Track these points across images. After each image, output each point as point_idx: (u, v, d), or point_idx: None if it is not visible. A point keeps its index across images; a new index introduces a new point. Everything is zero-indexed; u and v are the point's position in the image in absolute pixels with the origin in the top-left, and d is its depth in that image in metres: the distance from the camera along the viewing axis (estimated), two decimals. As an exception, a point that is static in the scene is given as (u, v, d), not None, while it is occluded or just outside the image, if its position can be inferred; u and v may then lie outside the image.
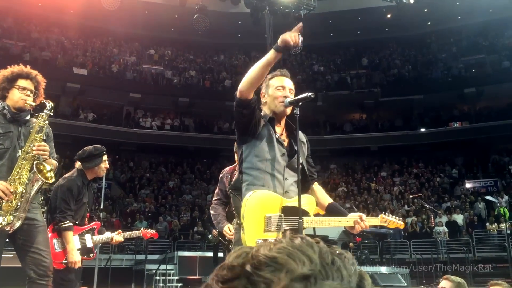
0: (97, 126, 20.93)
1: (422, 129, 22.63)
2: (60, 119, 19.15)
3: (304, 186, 2.74)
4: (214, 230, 5.83)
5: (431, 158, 22.23)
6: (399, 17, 22.61)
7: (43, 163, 3.07)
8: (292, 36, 2.47)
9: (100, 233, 4.33)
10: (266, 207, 2.56)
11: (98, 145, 4.31)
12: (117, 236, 4.43)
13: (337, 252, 0.67)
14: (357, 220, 2.75)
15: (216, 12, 17.99)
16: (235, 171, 3.88)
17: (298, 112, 2.68)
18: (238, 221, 2.67)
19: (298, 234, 0.70)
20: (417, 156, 22.62)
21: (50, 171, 3.07)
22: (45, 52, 21.40)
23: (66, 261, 3.82)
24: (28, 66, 3.33)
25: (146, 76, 23.66)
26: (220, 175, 4.43)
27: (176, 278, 9.99)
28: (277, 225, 2.54)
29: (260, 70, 2.59)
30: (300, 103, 2.70)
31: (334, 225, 2.81)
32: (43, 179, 3.02)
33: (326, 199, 2.90)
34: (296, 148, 2.69)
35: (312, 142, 3.09)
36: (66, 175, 4.12)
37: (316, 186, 2.93)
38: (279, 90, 2.80)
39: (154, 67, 24.33)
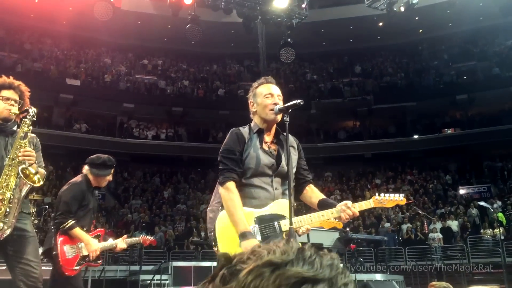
0: (90, 137, 20.87)
1: (415, 136, 22.74)
2: (53, 130, 19.13)
3: (295, 190, 2.75)
4: None
5: (424, 165, 22.32)
6: (391, 25, 22.77)
7: (29, 167, 3.08)
8: None
9: (104, 240, 4.32)
10: None
11: (110, 157, 4.36)
12: (121, 243, 4.39)
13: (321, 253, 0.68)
14: (342, 208, 2.65)
15: (208, 22, 18.06)
16: None
17: (287, 119, 2.69)
18: None
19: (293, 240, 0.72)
20: (411, 163, 22.71)
21: (36, 174, 3.08)
22: (37, 63, 21.38)
23: (77, 267, 3.82)
24: (11, 77, 3.35)
25: (139, 86, 23.66)
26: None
27: (171, 288, 9.93)
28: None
29: (229, 215, 2.61)
30: (290, 110, 2.71)
31: (316, 220, 2.69)
32: (30, 183, 3.03)
33: (318, 197, 2.87)
34: (285, 155, 2.71)
35: (306, 150, 3.09)
36: (71, 180, 4.16)
37: (310, 187, 2.92)
38: (268, 98, 2.80)
39: (147, 77, 24.36)
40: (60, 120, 21.41)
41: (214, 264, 7.92)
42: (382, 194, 2.78)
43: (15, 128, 3.24)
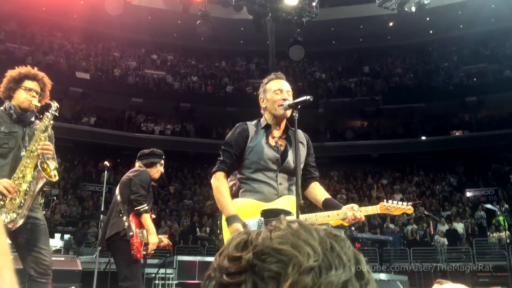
0: (98, 130, 20.99)
1: (423, 137, 22.65)
2: (62, 122, 19.21)
3: (300, 186, 2.77)
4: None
5: (431, 166, 22.22)
6: (401, 26, 22.69)
7: (47, 161, 3.11)
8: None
9: None
10: (244, 215, 2.62)
11: (159, 149, 4.49)
12: (165, 239, 4.40)
13: (333, 234, 0.69)
14: (347, 212, 2.68)
15: (218, 19, 18.08)
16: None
17: (297, 115, 2.71)
18: None
19: (294, 219, 0.72)
20: (418, 164, 22.63)
21: (54, 169, 3.11)
22: (48, 56, 21.50)
23: (143, 253, 3.82)
24: (36, 68, 3.39)
25: (148, 81, 23.74)
26: None
27: (175, 282, 9.97)
28: (256, 229, 2.56)
29: (217, 202, 2.70)
30: (299, 106, 2.72)
31: (321, 221, 2.71)
32: (47, 177, 3.06)
33: (323, 196, 2.89)
34: (293, 151, 2.73)
35: (313, 149, 3.10)
36: (136, 169, 4.19)
37: (316, 185, 2.94)
38: (277, 94, 2.82)
39: (156, 72, 24.43)
40: (69, 113, 21.52)
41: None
42: (390, 201, 2.79)
43: (32, 119, 3.28)
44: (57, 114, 3.24)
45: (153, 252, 4.05)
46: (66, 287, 6.01)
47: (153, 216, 4.23)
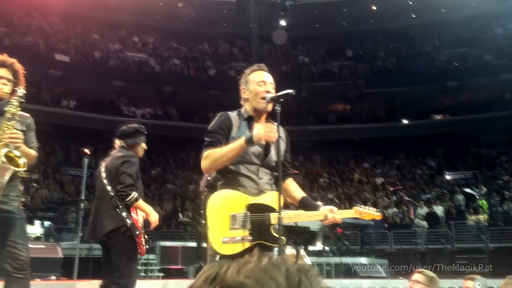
0: (79, 114, 20.71)
1: (404, 121, 22.85)
2: (42, 106, 18.88)
3: (275, 182, 2.76)
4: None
5: (412, 150, 22.48)
6: (384, 10, 22.76)
7: (13, 151, 2.98)
8: (267, 135, 2.55)
9: None
10: (230, 206, 2.59)
11: (139, 124, 4.24)
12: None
13: (305, 269, 0.68)
14: (327, 214, 2.70)
15: (201, 1, 17.87)
16: None
17: (279, 109, 2.66)
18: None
19: (266, 253, 0.71)
20: (399, 148, 22.86)
21: (20, 157, 2.98)
22: (26, 38, 21.01)
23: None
24: (5, 54, 3.25)
25: (130, 64, 23.41)
26: None
27: (158, 268, 9.99)
28: (242, 222, 2.57)
29: (228, 157, 2.62)
30: (282, 99, 2.67)
31: (302, 220, 2.80)
32: (14, 168, 2.95)
33: (299, 193, 2.89)
34: (274, 145, 2.70)
35: (296, 133, 3.10)
36: (122, 154, 3.87)
37: (291, 181, 2.92)
38: (260, 85, 2.77)
39: (137, 55, 24.08)
40: (48, 97, 21.16)
41: (202, 245, 7.96)
42: (362, 206, 2.89)
43: (6, 108, 3.16)
44: (23, 100, 3.10)
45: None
46: (46, 276, 5.95)
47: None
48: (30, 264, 3.08)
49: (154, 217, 3.81)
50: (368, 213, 2.85)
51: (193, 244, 10.19)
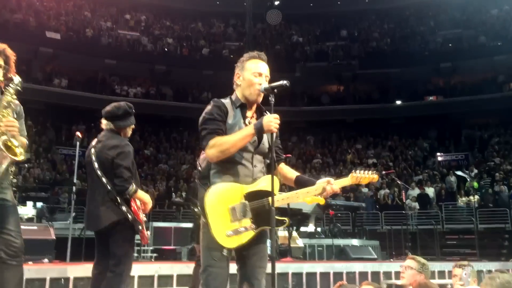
0: (70, 92, 20.53)
1: (398, 102, 22.88)
2: (33, 84, 18.67)
3: (268, 168, 2.75)
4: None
5: (405, 131, 22.56)
6: (379, -12, 22.55)
7: (11, 139, 2.96)
8: (276, 125, 2.55)
9: None
10: (227, 199, 2.57)
11: (127, 102, 3.91)
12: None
13: None
14: (324, 186, 2.69)
15: (194, -22, 17.60)
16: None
17: (273, 100, 2.61)
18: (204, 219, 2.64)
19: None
20: (392, 129, 22.93)
21: (18, 146, 2.96)
22: (16, 15, 20.65)
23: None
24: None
25: (122, 42, 23.14)
26: None
27: (151, 248, 10.04)
28: (242, 213, 2.56)
29: (238, 146, 2.58)
30: (276, 90, 2.62)
31: (302, 198, 2.75)
32: (11, 156, 2.92)
33: (294, 173, 2.88)
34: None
35: (289, 113, 3.08)
36: (113, 142, 3.66)
37: (283, 165, 2.90)
38: (256, 76, 2.71)
39: (130, 33, 23.79)
40: (40, 74, 20.92)
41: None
42: (358, 171, 2.85)
43: (2, 95, 3.11)
44: (20, 89, 3.06)
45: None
46: (39, 259, 5.96)
47: None
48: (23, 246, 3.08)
49: (149, 205, 3.78)
50: (365, 177, 2.82)
51: (185, 225, 10.24)
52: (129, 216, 3.52)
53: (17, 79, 3.04)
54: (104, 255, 3.61)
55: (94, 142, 3.80)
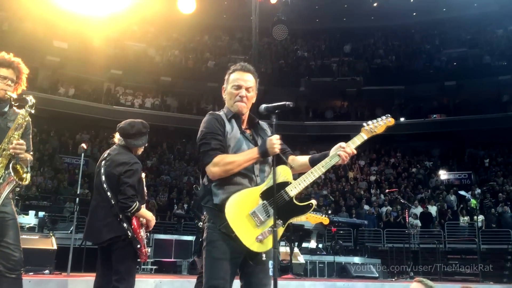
0: (76, 102, 20.60)
1: (402, 119, 22.86)
2: (38, 92, 18.76)
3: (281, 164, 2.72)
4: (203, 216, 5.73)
5: (408, 149, 22.52)
6: (385, 6, 22.68)
7: (20, 163, 2.99)
8: (279, 146, 2.54)
9: None
10: (245, 207, 2.52)
11: (143, 121, 3.94)
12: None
13: None
14: (339, 153, 2.66)
15: (202, -8, 17.71)
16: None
17: (275, 120, 2.58)
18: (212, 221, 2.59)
19: None
20: (395, 146, 22.89)
21: (26, 172, 2.99)
22: (25, 24, 20.80)
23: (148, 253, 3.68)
24: (11, 54, 3.19)
25: (128, 53, 23.26)
26: None
27: (151, 260, 9.99)
28: (265, 213, 2.53)
29: (242, 167, 2.57)
30: (277, 111, 2.60)
31: (318, 173, 2.67)
32: (17, 180, 2.93)
33: (306, 157, 2.84)
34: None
35: (293, 127, 3.05)
36: (123, 158, 3.67)
37: (294, 156, 2.88)
38: (235, 89, 2.72)
39: (136, 44, 23.91)
40: (46, 83, 21.02)
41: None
42: (369, 122, 2.74)
43: (6, 109, 3.12)
44: (33, 112, 3.09)
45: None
46: (40, 270, 5.93)
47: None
48: (24, 256, 3.07)
49: (152, 222, 3.77)
50: (379, 126, 2.72)
51: (187, 237, 10.21)
52: (129, 234, 3.52)
53: (31, 100, 3.06)
54: (107, 267, 3.60)
55: (105, 154, 3.83)
